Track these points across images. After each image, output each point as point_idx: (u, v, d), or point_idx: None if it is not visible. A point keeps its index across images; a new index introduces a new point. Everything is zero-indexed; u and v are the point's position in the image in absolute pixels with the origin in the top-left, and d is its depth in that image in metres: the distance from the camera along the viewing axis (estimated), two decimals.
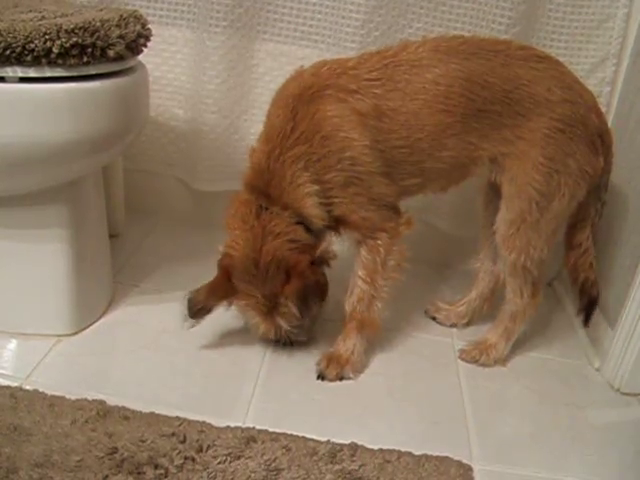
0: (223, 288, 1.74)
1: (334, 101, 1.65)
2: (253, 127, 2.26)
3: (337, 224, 1.74)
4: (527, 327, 1.95)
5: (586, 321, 1.95)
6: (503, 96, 1.67)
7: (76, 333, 1.79)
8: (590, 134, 1.72)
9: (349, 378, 1.78)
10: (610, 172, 1.83)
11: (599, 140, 1.74)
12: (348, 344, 1.79)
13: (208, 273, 1.77)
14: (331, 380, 1.77)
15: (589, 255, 1.91)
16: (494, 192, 1.84)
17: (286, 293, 1.70)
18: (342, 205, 1.70)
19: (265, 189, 1.71)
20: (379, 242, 1.74)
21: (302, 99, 1.67)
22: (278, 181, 1.69)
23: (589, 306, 1.93)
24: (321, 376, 1.78)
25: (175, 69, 2.24)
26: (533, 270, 1.81)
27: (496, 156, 1.72)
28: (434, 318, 2.09)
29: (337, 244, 1.84)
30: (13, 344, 1.74)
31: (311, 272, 1.71)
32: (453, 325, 2.07)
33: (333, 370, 1.78)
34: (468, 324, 2.07)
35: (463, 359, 1.92)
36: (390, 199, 1.73)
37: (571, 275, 1.95)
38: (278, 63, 2.19)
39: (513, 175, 1.73)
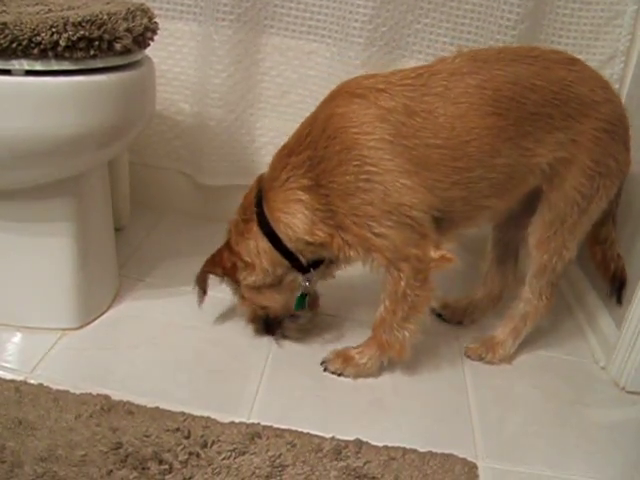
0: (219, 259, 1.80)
1: (348, 97, 1.60)
2: (259, 122, 2.27)
3: (336, 247, 1.66)
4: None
5: (619, 300, 1.97)
6: (552, 98, 1.63)
7: (81, 327, 1.79)
8: (625, 132, 1.72)
9: (347, 377, 1.76)
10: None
11: (628, 136, 1.74)
12: (365, 353, 1.76)
13: None
14: (331, 372, 1.77)
15: (615, 246, 1.92)
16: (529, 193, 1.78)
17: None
18: (346, 217, 1.61)
19: (265, 180, 1.72)
20: (402, 274, 1.64)
21: (323, 102, 1.66)
22: (272, 178, 1.68)
23: (620, 287, 1.95)
24: (324, 362, 1.78)
25: (181, 63, 2.23)
26: (559, 272, 1.80)
27: (552, 162, 1.67)
28: (440, 315, 2.07)
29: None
30: (18, 337, 1.73)
31: (218, 258, 1.77)
32: (459, 322, 2.06)
33: (337, 364, 1.76)
34: (474, 322, 2.06)
35: (469, 356, 1.92)
36: (416, 214, 1.59)
37: (600, 267, 1.96)
38: (285, 57, 2.19)
39: (562, 179, 1.70)
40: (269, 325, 1.86)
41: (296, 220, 1.64)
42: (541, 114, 1.63)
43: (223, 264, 1.77)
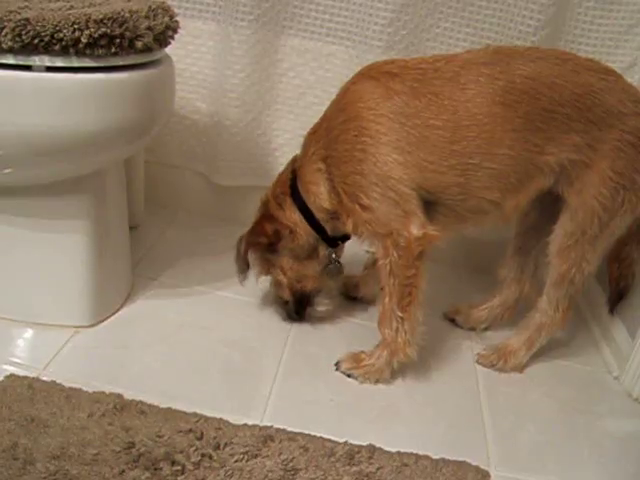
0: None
1: (364, 79, 1.68)
2: (275, 122, 2.26)
3: (343, 217, 1.73)
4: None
5: (612, 311, 2.03)
6: (574, 99, 1.62)
7: (94, 325, 1.79)
8: None
9: (355, 379, 1.76)
10: None
11: None
12: (374, 355, 1.76)
13: (227, 268, 1.76)
14: (342, 372, 1.78)
15: (633, 266, 1.92)
16: (539, 200, 1.79)
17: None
18: (341, 185, 1.68)
19: (299, 156, 1.82)
20: (387, 251, 1.67)
21: (344, 85, 1.74)
22: (303, 154, 1.79)
23: (618, 299, 2.00)
24: (338, 363, 1.79)
25: (199, 62, 2.23)
26: (577, 284, 1.79)
27: (564, 163, 1.66)
28: (453, 320, 2.07)
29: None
30: (31, 334, 1.73)
31: (261, 227, 1.82)
32: (471, 329, 2.05)
33: (349, 364, 1.78)
34: (486, 329, 2.05)
35: (480, 363, 1.91)
36: (402, 189, 1.62)
37: (612, 283, 1.98)
38: (303, 59, 2.18)
39: (581, 187, 1.69)
40: (301, 304, 1.93)
41: (321, 188, 1.73)
42: (558, 112, 1.63)
43: (266, 232, 1.82)
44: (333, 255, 1.88)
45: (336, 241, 1.86)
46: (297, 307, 1.93)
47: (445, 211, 1.69)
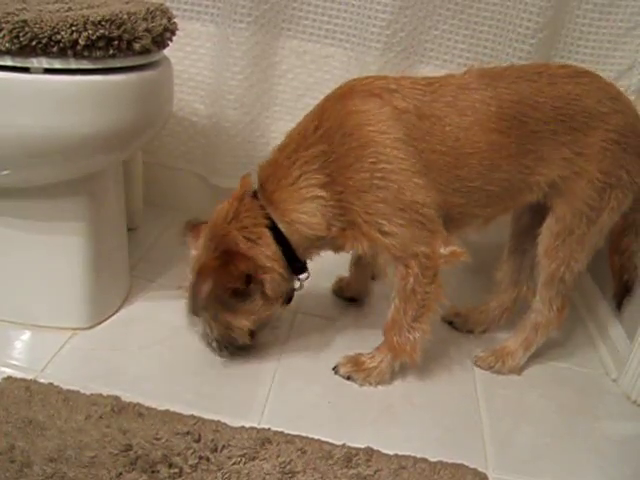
0: (199, 231, 1.73)
1: (365, 96, 1.61)
2: (274, 124, 2.26)
3: (345, 240, 1.66)
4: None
5: (619, 307, 2.01)
6: (556, 114, 1.64)
7: (91, 327, 1.79)
8: (639, 142, 1.71)
9: (355, 381, 1.75)
10: None
11: None
12: (375, 357, 1.75)
13: None
14: (341, 375, 1.76)
15: (633, 258, 1.93)
16: (531, 203, 1.79)
17: (200, 266, 1.63)
18: (359, 215, 1.61)
19: (264, 181, 1.67)
20: (410, 271, 1.65)
21: (332, 98, 1.66)
22: (279, 178, 1.63)
23: (625, 295, 1.98)
24: (336, 367, 1.77)
25: (197, 64, 2.23)
26: (568, 283, 1.80)
27: (555, 180, 1.69)
28: (450, 323, 2.06)
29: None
30: (28, 336, 1.73)
31: (234, 268, 1.60)
32: (469, 331, 2.05)
33: (348, 368, 1.76)
34: (485, 331, 2.05)
35: (478, 365, 1.90)
36: (427, 211, 1.61)
37: (615, 276, 1.97)
38: (301, 61, 2.18)
39: (569, 192, 1.70)
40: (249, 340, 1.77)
41: (316, 219, 1.63)
42: (544, 131, 1.65)
43: (240, 274, 1.62)
44: (298, 284, 1.79)
45: (304, 267, 1.76)
46: (244, 346, 1.78)
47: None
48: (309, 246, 1.70)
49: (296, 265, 1.71)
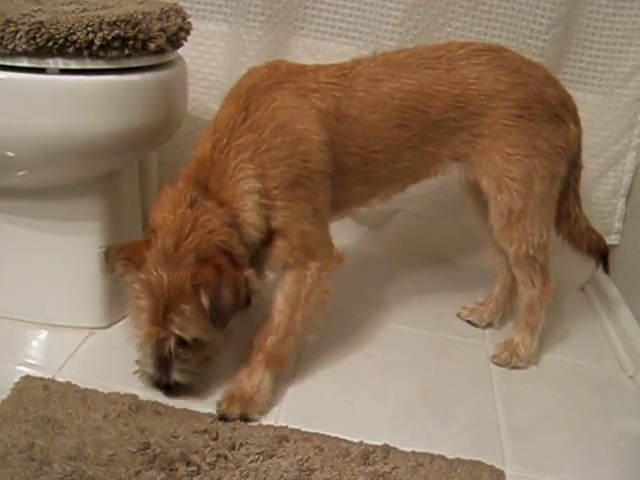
0: (137, 251, 1.51)
1: (293, 94, 1.59)
2: None
3: (269, 240, 1.58)
4: (559, 331, 1.95)
5: (606, 269, 2.01)
6: (455, 101, 1.67)
7: (108, 326, 1.80)
8: (551, 108, 1.71)
9: (254, 420, 1.56)
10: (581, 137, 1.82)
11: (564, 110, 1.73)
12: (254, 380, 1.59)
13: None
14: (234, 420, 1.54)
15: (582, 220, 1.92)
16: (476, 189, 1.81)
17: (199, 279, 1.46)
18: (284, 211, 1.55)
19: (205, 182, 1.53)
20: (308, 273, 1.60)
21: (257, 90, 1.58)
22: (219, 174, 1.53)
23: (603, 256, 1.98)
24: (223, 417, 1.54)
25: (211, 63, 2.23)
26: (538, 257, 1.80)
27: (456, 157, 1.73)
28: (469, 321, 2.07)
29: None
30: (46, 336, 1.74)
31: (233, 270, 1.49)
32: (488, 325, 2.06)
33: (237, 409, 1.55)
34: (503, 319, 2.05)
35: (496, 363, 1.90)
36: (327, 213, 1.65)
37: (571, 244, 1.96)
38: (315, 59, 2.16)
39: (484, 170, 1.73)
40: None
41: (254, 215, 1.54)
42: (445, 119, 1.68)
43: (240, 274, 1.52)
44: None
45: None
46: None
47: (341, 208, 1.75)
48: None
49: None
